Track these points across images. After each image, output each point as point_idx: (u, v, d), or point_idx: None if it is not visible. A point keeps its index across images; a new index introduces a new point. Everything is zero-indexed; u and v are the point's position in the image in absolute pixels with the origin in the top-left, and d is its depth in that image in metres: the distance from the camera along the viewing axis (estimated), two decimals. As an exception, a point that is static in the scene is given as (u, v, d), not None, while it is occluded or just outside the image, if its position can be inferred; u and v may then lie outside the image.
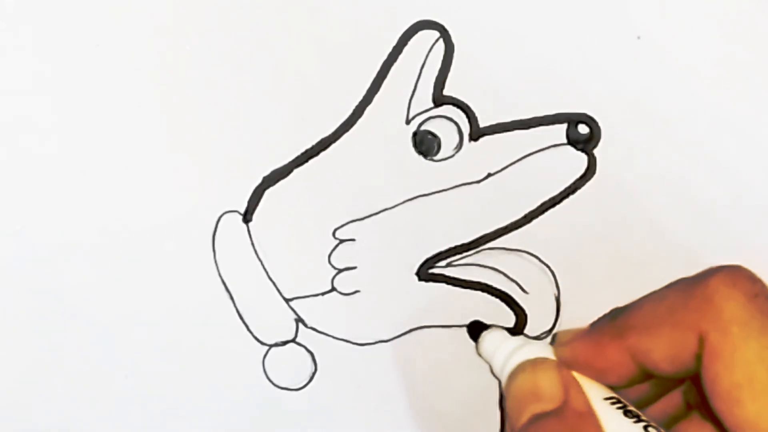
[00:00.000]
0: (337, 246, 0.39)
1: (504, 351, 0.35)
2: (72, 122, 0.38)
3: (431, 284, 0.39)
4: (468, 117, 0.39)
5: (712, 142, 0.38)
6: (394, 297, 0.39)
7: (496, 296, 0.39)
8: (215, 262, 0.39)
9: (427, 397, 0.39)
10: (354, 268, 0.39)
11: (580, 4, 0.38)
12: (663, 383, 0.34)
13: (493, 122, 0.39)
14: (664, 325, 0.31)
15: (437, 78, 0.38)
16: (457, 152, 0.39)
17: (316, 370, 0.39)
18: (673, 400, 0.35)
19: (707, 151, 0.38)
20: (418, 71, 0.38)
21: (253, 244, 0.39)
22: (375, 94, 0.38)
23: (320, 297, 0.39)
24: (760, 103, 0.38)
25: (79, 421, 0.39)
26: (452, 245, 0.39)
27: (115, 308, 0.39)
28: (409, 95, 0.39)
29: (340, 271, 0.39)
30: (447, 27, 0.38)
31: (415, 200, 0.39)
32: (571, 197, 0.39)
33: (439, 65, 0.38)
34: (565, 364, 0.34)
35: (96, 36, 0.38)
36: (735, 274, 0.31)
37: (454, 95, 0.39)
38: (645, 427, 0.32)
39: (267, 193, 0.39)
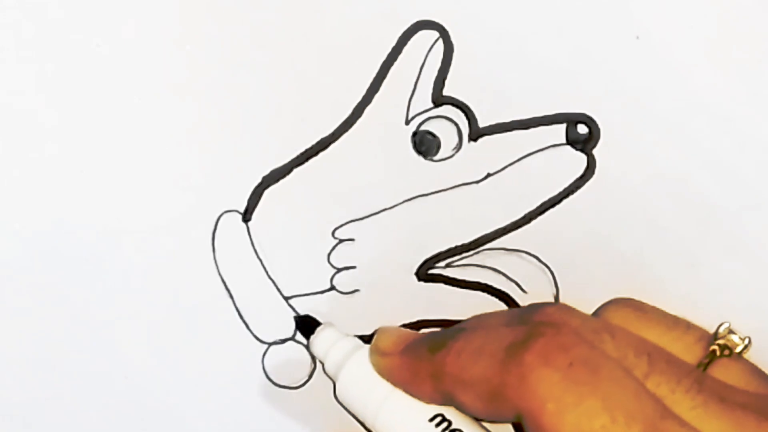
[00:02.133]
0: (336, 245, 0.39)
1: (335, 356, 0.36)
2: (72, 122, 0.38)
3: (430, 284, 0.39)
4: (467, 117, 0.39)
5: (712, 141, 0.38)
6: (393, 297, 0.39)
7: (496, 296, 0.39)
8: (215, 261, 0.39)
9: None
10: (353, 267, 0.39)
11: (580, 4, 0.38)
12: None
13: (493, 122, 0.39)
14: (481, 388, 0.32)
15: (437, 78, 0.38)
16: (456, 152, 0.39)
17: (315, 368, 0.39)
18: None
19: (707, 151, 0.38)
20: (417, 71, 0.38)
21: (252, 243, 0.39)
22: (374, 94, 0.38)
23: (319, 296, 0.39)
24: (759, 103, 0.38)
25: (78, 421, 0.39)
26: (451, 245, 0.39)
27: (115, 307, 0.39)
28: (409, 95, 0.39)
29: (339, 270, 0.39)
30: (446, 27, 0.38)
31: (414, 200, 0.39)
32: (571, 197, 0.39)
33: (438, 65, 0.38)
34: (376, 371, 0.35)
35: (96, 36, 0.38)
36: (548, 346, 0.31)
37: (453, 95, 0.39)
38: None
39: (267, 192, 0.39)
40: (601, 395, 0.30)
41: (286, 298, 0.39)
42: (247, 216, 0.39)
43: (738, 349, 0.34)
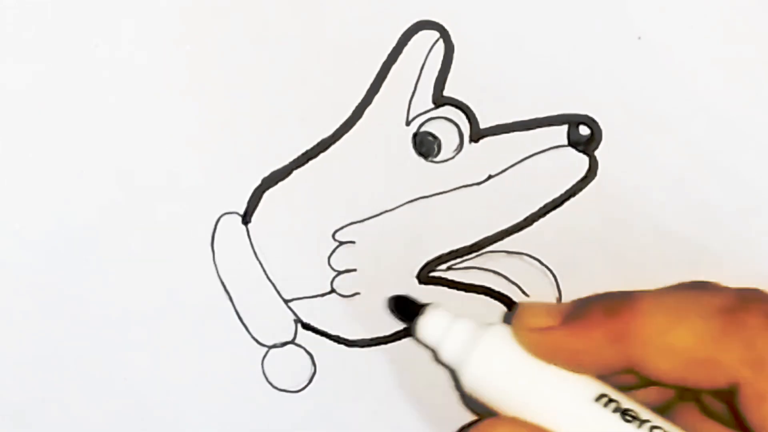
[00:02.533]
0: (336, 248, 0.39)
1: (456, 339, 0.33)
2: (72, 122, 0.38)
3: (431, 287, 0.39)
4: (468, 118, 0.38)
5: (714, 143, 0.38)
6: (394, 299, 0.39)
7: (497, 299, 0.39)
8: (214, 263, 0.39)
9: (426, 400, 0.39)
10: (354, 270, 0.39)
11: (580, 4, 0.38)
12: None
13: (494, 123, 0.39)
14: (687, 353, 0.30)
15: (437, 79, 0.38)
16: (457, 154, 0.39)
17: (315, 371, 0.39)
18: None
19: (708, 152, 0.38)
20: (418, 72, 0.38)
21: (252, 245, 0.39)
22: (375, 95, 0.38)
23: (319, 299, 0.39)
24: (761, 104, 0.38)
25: (78, 421, 0.39)
26: (453, 248, 0.39)
27: (114, 309, 0.39)
28: (409, 96, 0.38)
29: (339, 273, 0.39)
30: (447, 27, 0.38)
31: (415, 202, 0.39)
32: (573, 199, 0.39)
33: (439, 66, 0.38)
34: (529, 351, 0.32)
35: (96, 36, 0.38)
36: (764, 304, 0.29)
37: (454, 96, 0.38)
38: (651, 429, 0.31)
39: (266, 194, 0.39)
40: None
41: (286, 301, 0.39)
42: (246, 218, 0.39)
43: None
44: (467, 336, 0.33)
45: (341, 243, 0.39)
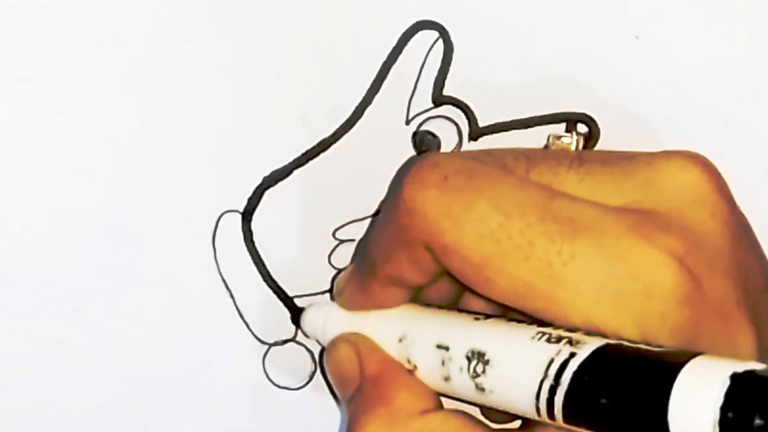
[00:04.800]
0: (337, 246, 0.39)
1: (319, 329, 0.37)
2: (72, 122, 0.38)
3: (431, 284, 0.39)
4: (467, 117, 0.39)
5: (711, 141, 0.38)
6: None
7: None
8: (215, 261, 0.39)
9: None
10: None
11: (579, 4, 0.38)
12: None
13: (493, 122, 0.39)
14: (395, 249, 0.32)
15: (437, 78, 0.38)
16: (456, 152, 0.39)
17: (316, 369, 0.39)
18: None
19: (706, 150, 0.38)
20: (417, 71, 0.38)
21: (253, 243, 0.39)
22: (375, 95, 0.38)
23: (320, 296, 0.39)
24: (759, 103, 0.38)
25: (78, 420, 0.39)
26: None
27: (115, 307, 0.39)
28: (409, 95, 0.39)
29: (340, 271, 0.39)
30: (447, 27, 0.38)
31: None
32: (571, 197, 0.39)
33: (438, 65, 0.38)
34: (349, 312, 0.36)
35: (96, 36, 0.38)
36: (418, 171, 0.31)
37: (453, 95, 0.39)
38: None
39: (267, 193, 0.39)
40: (486, 195, 0.30)
41: (287, 299, 0.39)
42: (247, 216, 0.39)
43: (574, 146, 0.36)
44: (322, 322, 0.37)
45: (342, 241, 0.39)
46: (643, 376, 0.26)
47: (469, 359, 0.31)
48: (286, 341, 0.39)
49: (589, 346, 0.28)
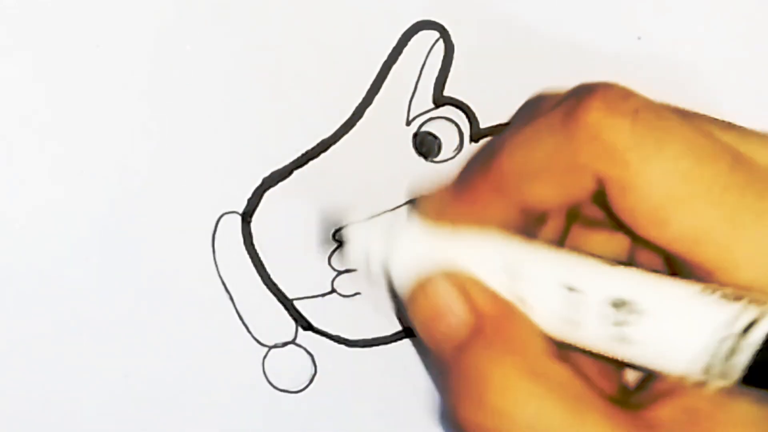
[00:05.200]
0: (337, 248, 0.39)
1: (375, 251, 0.33)
2: (72, 122, 0.38)
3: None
4: (468, 118, 0.38)
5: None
6: (394, 299, 0.39)
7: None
8: (215, 262, 0.39)
9: (426, 400, 0.39)
10: (354, 270, 0.39)
11: (581, 4, 0.38)
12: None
13: (494, 123, 0.38)
14: (551, 171, 0.30)
15: (437, 79, 0.38)
16: (457, 153, 0.39)
17: (316, 371, 0.39)
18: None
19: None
20: (418, 72, 0.38)
21: (253, 245, 0.39)
22: (375, 95, 0.38)
23: (320, 299, 0.39)
24: (760, 104, 0.38)
25: (78, 420, 0.39)
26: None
27: (115, 308, 0.39)
28: (410, 96, 0.38)
29: (340, 273, 0.39)
30: (447, 27, 0.38)
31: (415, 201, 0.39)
32: (573, 199, 0.38)
33: (439, 66, 0.38)
34: (435, 226, 0.32)
35: (96, 36, 0.38)
36: (608, 98, 0.29)
37: (454, 96, 0.38)
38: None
39: (267, 194, 0.39)
40: (679, 138, 0.29)
41: (287, 301, 0.39)
42: (247, 218, 0.39)
43: None
44: (383, 242, 0.33)
45: (341, 242, 0.39)
46: None
47: (616, 306, 0.29)
48: (285, 344, 0.39)
49: None
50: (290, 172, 0.39)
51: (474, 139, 0.38)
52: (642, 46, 0.38)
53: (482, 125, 0.38)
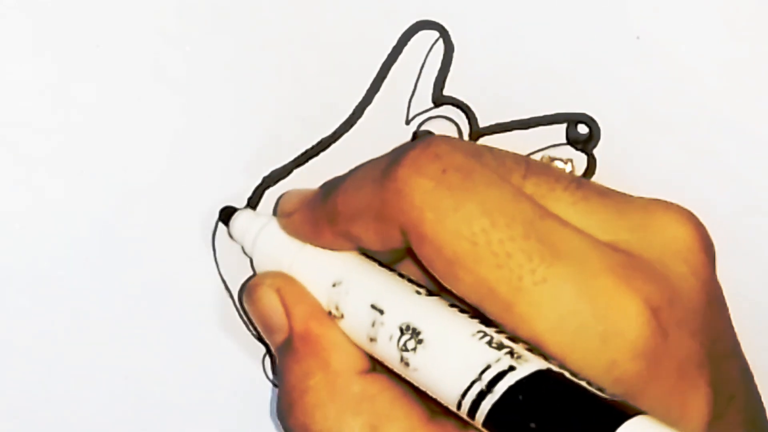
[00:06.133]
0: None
1: (248, 238, 0.37)
2: (72, 122, 0.38)
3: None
4: (468, 117, 0.39)
5: (712, 142, 0.38)
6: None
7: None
8: (215, 261, 0.39)
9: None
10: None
11: (580, 4, 0.38)
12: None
13: (493, 122, 0.39)
14: (367, 215, 0.32)
15: (437, 78, 0.38)
16: (456, 152, 0.39)
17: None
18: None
19: (707, 151, 0.38)
20: (417, 71, 0.38)
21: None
22: (375, 95, 0.38)
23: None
24: (760, 103, 0.38)
25: (78, 420, 0.39)
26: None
27: (114, 308, 0.39)
28: (409, 95, 0.39)
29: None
30: (447, 27, 0.38)
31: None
32: (571, 197, 0.39)
33: (438, 65, 0.38)
34: (290, 235, 0.36)
35: (96, 36, 0.38)
36: (419, 157, 0.31)
37: (453, 95, 0.39)
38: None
39: (267, 193, 0.39)
40: (478, 199, 0.30)
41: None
42: (247, 216, 0.39)
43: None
44: (256, 230, 0.37)
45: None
46: (583, 415, 0.27)
47: (402, 331, 0.31)
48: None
49: (530, 365, 0.29)
50: (290, 171, 0.39)
51: (473, 138, 0.39)
52: (641, 46, 0.38)
53: (481, 125, 0.39)
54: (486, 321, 0.31)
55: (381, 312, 0.32)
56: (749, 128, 0.38)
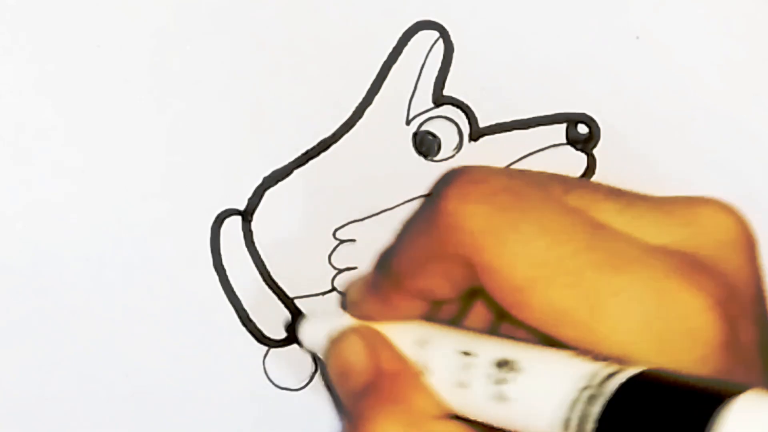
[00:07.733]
0: (337, 246, 0.39)
1: (320, 339, 0.36)
2: (72, 122, 0.38)
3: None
4: (468, 117, 0.39)
5: (712, 142, 0.38)
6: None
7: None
8: (215, 261, 0.39)
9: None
10: (354, 268, 0.39)
11: (580, 4, 0.38)
12: (464, 297, 0.34)
13: (493, 122, 0.39)
14: (429, 263, 0.32)
15: (437, 78, 0.38)
16: (457, 152, 0.39)
17: (316, 369, 0.39)
18: (482, 310, 0.35)
19: (707, 151, 0.38)
20: (417, 72, 0.38)
21: (253, 243, 0.39)
22: (375, 95, 0.38)
23: (321, 297, 0.39)
24: (760, 103, 0.38)
25: (79, 420, 0.39)
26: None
27: (115, 308, 0.39)
28: (409, 96, 0.39)
29: (340, 271, 0.39)
30: (447, 27, 0.38)
31: (415, 201, 0.39)
32: (571, 197, 0.39)
33: (438, 65, 0.38)
34: (365, 322, 0.35)
35: (96, 36, 0.38)
36: (462, 187, 0.31)
37: (454, 95, 0.39)
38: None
39: (267, 193, 0.39)
40: (534, 218, 0.30)
41: (288, 300, 0.39)
42: (248, 216, 0.39)
43: None
44: (323, 335, 0.36)
45: (342, 241, 0.39)
46: (700, 396, 0.26)
47: (499, 365, 0.31)
48: (286, 342, 0.39)
49: (631, 369, 0.28)
50: (291, 172, 0.39)
51: (473, 138, 0.39)
52: (640, 46, 0.38)
53: (482, 125, 0.39)
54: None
55: (472, 355, 0.32)
56: (749, 128, 0.38)
